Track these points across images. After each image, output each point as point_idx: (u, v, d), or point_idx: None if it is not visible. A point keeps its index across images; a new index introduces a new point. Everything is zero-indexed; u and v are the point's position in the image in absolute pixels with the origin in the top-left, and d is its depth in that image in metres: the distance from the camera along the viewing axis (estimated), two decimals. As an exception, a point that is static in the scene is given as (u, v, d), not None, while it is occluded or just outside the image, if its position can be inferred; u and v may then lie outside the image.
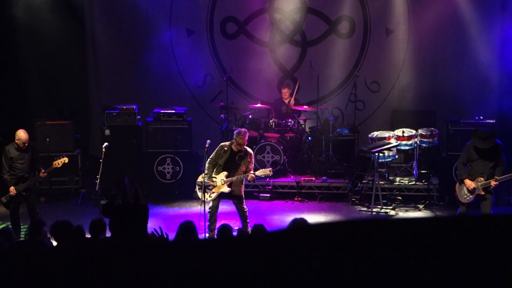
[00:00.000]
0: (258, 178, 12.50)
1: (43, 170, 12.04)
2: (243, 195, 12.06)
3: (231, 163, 11.81)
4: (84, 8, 17.52)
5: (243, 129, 12.04)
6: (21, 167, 12.00)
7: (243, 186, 12.00)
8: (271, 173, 12.32)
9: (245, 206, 12.00)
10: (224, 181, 11.79)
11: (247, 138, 11.82)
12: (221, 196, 11.95)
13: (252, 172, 11.80)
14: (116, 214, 9.81)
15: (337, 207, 14.50)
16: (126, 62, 17.67)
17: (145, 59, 17.54)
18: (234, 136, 11.80)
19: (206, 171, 11.89)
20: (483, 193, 11.12)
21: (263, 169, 12.16)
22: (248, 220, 12.00)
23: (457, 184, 11.55)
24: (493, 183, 11.03)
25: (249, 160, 11.84)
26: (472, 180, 11.18)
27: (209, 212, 11.84)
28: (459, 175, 11.46)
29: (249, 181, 12.36)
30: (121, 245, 2.57)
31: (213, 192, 11.84)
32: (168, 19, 17.46)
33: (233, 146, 11.80)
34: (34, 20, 16.68)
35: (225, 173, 11.79)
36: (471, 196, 11.24)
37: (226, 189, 11.81)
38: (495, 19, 16.23)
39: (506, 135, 15.48)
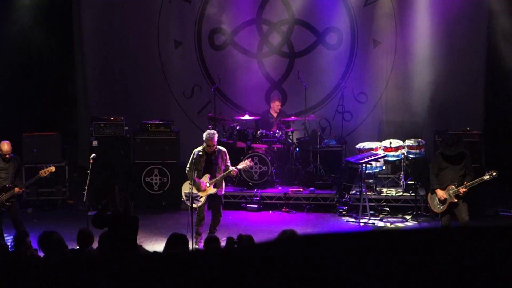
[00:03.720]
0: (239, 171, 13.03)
1: (17, 188, 12.02)
2: (223, 199, 12.46)
3: (210, 165, 12.13)
4: (72, 20, 17.51)
5: (211, 131, 12.27)
6: (5, 177, 12.02)
7: (223, 187, 12.39)
8: (252, 163, 12.77)
9: (221, 210, 12.35)
10: (209, 183, 12.07)
11: (216, 138, 12.15)
12: (208, 197, 12.17)
13: (233, 167, 12.22)
14: (106, 225, 9.80)
15: (325, 218, 14.50)
16: (113, 73, 17.67)
17: (133, 70, 17.55)
18: (204, 139, 12.08)
19: (190, 179, 12.03)
20: (455, 200, 11.21)
21: (243, 162, 12.54)
22: (217, 226, 12.34)
23: (429, 195, 11.65)
24: (462, 190, 11.14)
25: (224, 157, 12.23)
26: (443, 189, 11.28)
27: (197, 215, 11.99)
28: (431, 185, 11.54)
29: (233, 176, 12.81)
30: (110, 257, 2.58)
31: (201, 197, 12.04)
32: (156, 30, 17.46)
33: (206, 149, 12.08)
34: (21, 31, 16.63)
35: (207, 175, 12.09)
36: (444, 206, 11.32)
37: (212, 190, 12.13)
38: (481, 30, 16.30)
39: (492, 145, 15.56)
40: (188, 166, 12.20)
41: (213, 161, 12.10)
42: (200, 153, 12.06)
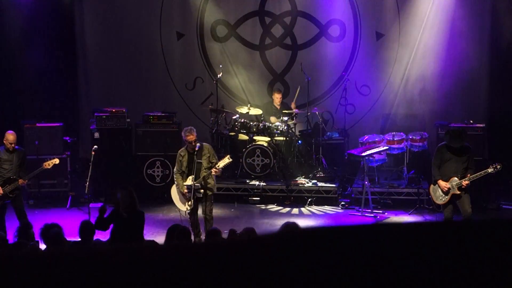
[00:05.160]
0: (222, 169, 12.11)
1: (21, 179, 12.00)
2: (212, 198, 11.84)
3: (194, 164, 11.51)
4: (74, 11, 17.48)
5: (189, 127, 11.76)
6: (9, 168, 12.01)
7: (214, 184, 11.81)
8: (230, 160, 11.90)
9: (211, 211, 11.76)
10: (194, 185, 11.54)
11: (194, 134, 11.53)
12: (198, 200, 11.73)
13: (215, 168, 11.53)
14: (109, 224, 9.82)
15: (327, 211, 14.50)
16: (116, 65, 17.65)
17: (135, 62, 17.54)
18: (183, 137, 11.64)
19: (176, 182, 11.71)
20: (458, 192, 11.23)
21: (222, 159, 11.77)
22: (211, 224, 11.70)
23: (431, 187, 11.63)
24: (464, 183, 11.17)
25: (208, 154, 11.61)
26: (446, 180, 11.29)
27: (190, 222, 11.62)
28: (433, 176, 11.54)
29: (217, 175, 11.94)
30: (113, 248, 2.55)
31: (189, 200, 11.59)
32: (158, 22, 17.44)
33: (187, 148, 11.65)
34: (24, 23, 16.62)
35: (191, 177, 11.51)
36: (446, 197, 11.32)
37: (199, 193, 11.63)
38: (484, 22, 16.26)
39: (496, 138, 15.55)
40: (175, 169, 11.88)
41: (196, 160, 11.50)
42: (182, 153, 11.64)
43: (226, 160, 11.74)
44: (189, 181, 11.54)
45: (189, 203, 11.55)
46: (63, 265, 2.19)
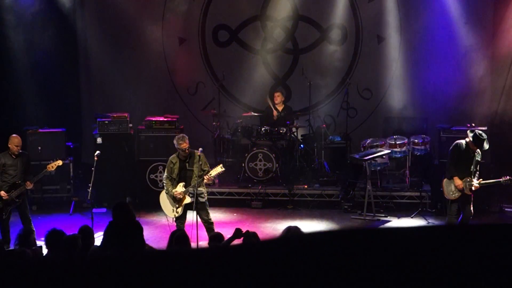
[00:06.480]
0: (214, 178, 12.02)
1: (28, 182, 12.00)
2: (207, 205, 11.65)
3: (184, 172, 11.48)
4: (76, 17, 17.50)
5: (180, 134, 11.70)
6: (14, 173, 11.99)
7: (204, 192, 11.61)
8: (223, 169, 11.74)
9: (210, 217, 11.61)
10: (184, 192, 11.49)
11: (187, 141, 11.44)
12: (187, 208, 11.61)
13: (207, 176, 11.37)
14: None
15: (330, 214, 14.48)
16: (117, 70, 17.65)
17: (137, 67, 17.55)
18: (175, 145, 11.53)
19: (166, 188, 11.62)
20: (469, 193, 11.32)
21: (215, 168, 11.63)
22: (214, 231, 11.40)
23: (445, 180, 11.67)
24: (474, 187, 11.34)
25: (200, 161, 11.42)
26: (460, 178, 11.38)
27: (176, 226, 11.50)
28: (450, 172, 11.57)
29: (208, 183, 11.81)
30: (114, 255, 2.57)
31: (178, 207, 11.54)
32: (160, 27, 17.46)
33: (179, 156, 11.55)
34: (25, 29, 16.63)
35: (181, 184, 11.46)
36: (458, 194, 11.42)
37: (188, 199, 11.52)
38: (486, 26, 16.26)
39: (498, 141, 15.53)
40: (165, 175, 11.81)
41: (188, 167, 11.45)
42: (173, 160, 11.55)
43: (219, 169, 11.58)
44: (180, 188, 11.45)
45: (178, 209, 11.50)
46: (67, 271, 2.20)
